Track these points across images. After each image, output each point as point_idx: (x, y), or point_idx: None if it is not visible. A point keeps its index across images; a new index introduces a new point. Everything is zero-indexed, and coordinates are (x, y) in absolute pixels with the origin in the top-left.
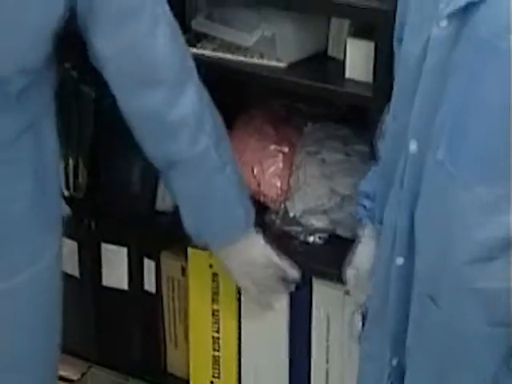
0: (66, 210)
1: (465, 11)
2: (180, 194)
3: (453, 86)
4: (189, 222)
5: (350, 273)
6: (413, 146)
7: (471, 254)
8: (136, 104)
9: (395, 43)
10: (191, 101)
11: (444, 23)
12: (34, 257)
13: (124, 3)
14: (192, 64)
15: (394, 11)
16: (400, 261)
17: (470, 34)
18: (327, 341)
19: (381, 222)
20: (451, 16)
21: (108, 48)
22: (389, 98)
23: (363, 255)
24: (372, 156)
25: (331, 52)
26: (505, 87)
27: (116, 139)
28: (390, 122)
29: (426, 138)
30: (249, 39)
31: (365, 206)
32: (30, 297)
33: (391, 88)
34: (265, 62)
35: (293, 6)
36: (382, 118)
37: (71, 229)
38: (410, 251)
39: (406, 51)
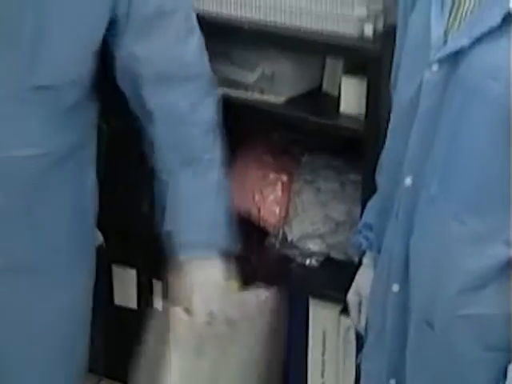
0: (100, 238)
1: (455, 56)
2: (178, 196)
3: (444, 126)
4: (173, 223)
5: (352, 299)
6: (408, 181)
7: (463, 283)
8: (163, 101)
9: (392, 84)
10: (213, 108)
11: (435, 68)
12: (72, 280)
13: (157, 7)
14: (213, 81)
15: (385, 51)
16: (396, 287)
17: (459, 77)
18: (323, 356)
19: (379, 251)
20: (442, 61)
21: (142, 49)
22: (380, 131)
23: (365, 282)
24: (364, 185)
25: (326, 88)
26: (491, 127)
27: (127, 165)
28: (384, 157)
29: (420, 175)
30: (250, 76)
31: (367, 237)
32: (67, 315)
33: (383, 122)
34: (265, 97)
35: (291, 46)
36: (377, 151)
37: None
38: (405, 278)
39: (400, 93)
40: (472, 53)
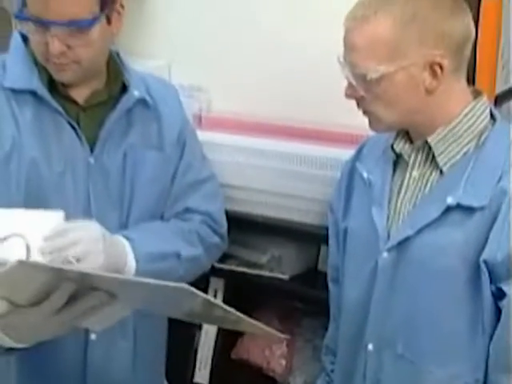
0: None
1: (402, 243)
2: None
3: (400, 299)
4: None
5: None
6: (370, 347)
7: None
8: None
9: (330, 283)
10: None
11: (385, 254)
12: None
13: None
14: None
15: None
16: None
17: (408, 258)
18: None
19: None
20: (391, 249)
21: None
22: None
23: None
24: None
25: (320, 267)
26: (445, 292)
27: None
28: (333, 334)
29: (380, 339)
30: (262, 258)
31: None
32: None
33: None
34: (274, 274)
35: (294, 235)
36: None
37: None
38: None
39: (351, 283)
40: (416, 239)
